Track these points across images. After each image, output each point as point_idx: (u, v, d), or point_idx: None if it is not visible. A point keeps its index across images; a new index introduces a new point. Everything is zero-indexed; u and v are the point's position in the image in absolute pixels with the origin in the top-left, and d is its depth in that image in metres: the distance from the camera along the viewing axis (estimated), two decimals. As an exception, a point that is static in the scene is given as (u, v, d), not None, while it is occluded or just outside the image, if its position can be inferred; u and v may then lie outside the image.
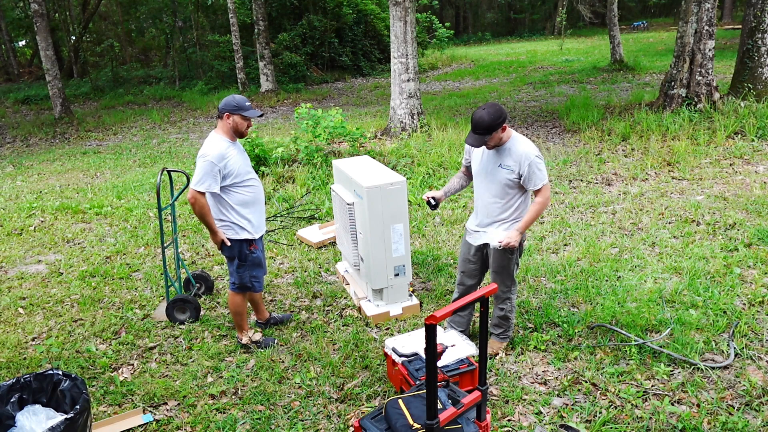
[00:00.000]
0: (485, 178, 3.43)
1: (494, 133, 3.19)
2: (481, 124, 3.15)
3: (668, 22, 32.94)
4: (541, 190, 3.32)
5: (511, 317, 3.72)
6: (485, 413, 2.68)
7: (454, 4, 39.12)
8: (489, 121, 3.14)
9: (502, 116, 3.16)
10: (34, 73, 25.32)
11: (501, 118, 3.15)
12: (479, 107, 3.21)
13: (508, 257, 3.50)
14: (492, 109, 3.15)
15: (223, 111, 3.57)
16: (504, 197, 3.39)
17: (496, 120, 3.14)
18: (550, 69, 18.38)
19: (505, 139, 3.29)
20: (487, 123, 3.14)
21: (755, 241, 4.95)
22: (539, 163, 3.27)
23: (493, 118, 3.13)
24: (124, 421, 3.27)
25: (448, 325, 3.89)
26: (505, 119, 3.19)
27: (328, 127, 8.27)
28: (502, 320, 3.72)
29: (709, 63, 8.95)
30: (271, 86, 17.13)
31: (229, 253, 3.75)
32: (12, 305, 4.85)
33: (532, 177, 3.28)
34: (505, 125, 3.21)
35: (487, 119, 3.13)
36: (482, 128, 3.16)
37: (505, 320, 3.72)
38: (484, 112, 3.15)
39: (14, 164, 10.41)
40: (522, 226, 3.37)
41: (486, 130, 3.16)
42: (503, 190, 3.37)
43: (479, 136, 3.20)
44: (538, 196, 3.34)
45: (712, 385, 3.27)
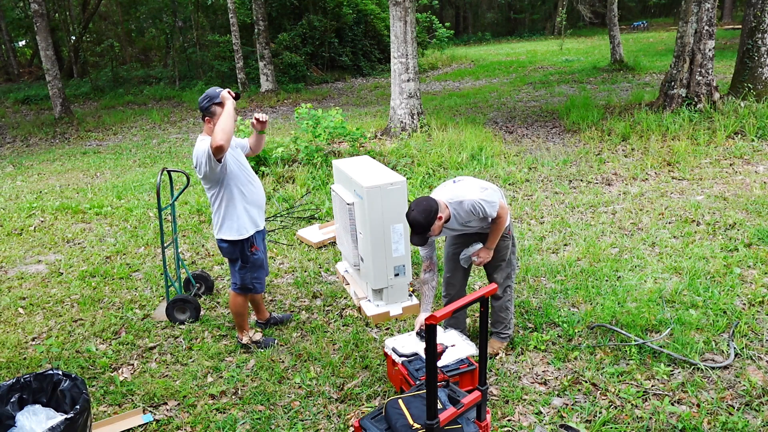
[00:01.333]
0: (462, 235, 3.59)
1: (433, 227, 3.24)
2: (418, 225, 3.22)
3: (668, 22, 32.94)
4: (497, 214, 3.39)
5: (510, 308, 3.74)
6: (485, 413, 2.68)
7: (454, 4, 39.13)
8: (424, 220, 3.19)
9: (433, 209, 3.20)
10: (34, 73, 25.32)
11: (433, 213, 3.20)
12: (410, 208, 3.23)
13: (504, 242, 3.60)
14: (422, 207, 3.20)
15: (203, 114, 3.52)
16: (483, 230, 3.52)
17: (429, 216, 3.19)
18: (550, 69, 18.38)
19: (448, 216, 3.35)
20: (423, 223, 3.20)
21: (755, 241, 4.95)
22: (484, 201, 3.31)
23: (426, 215, 3.19)
24: (124, 421, 3.27)
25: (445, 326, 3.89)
26: (437, 209, 3.22)
27: (328, 127, 8.27)
28: (501, 312, 3.73)
29: (709, 63, 8.95)
30: (271, 86, 17.13)
31: (230, 255, 3.75)
32: (12, 305, 4.85)
33: (487, 214, 3.34)
34: (440, 215, 3.24)
35: (422, 220, 3.19)
36: (421, 228, 3.22)
37: (504, 311, 3.73)
38: (416, 213, 3.20)
39: (14, 164, 10.41)
40: (490, 244, 3.50)
41: (425, 229, 3.22)
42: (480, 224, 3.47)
43: (420, 236, 3.28)
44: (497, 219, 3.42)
45: (712, 385, 3.27)
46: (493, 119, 11.17)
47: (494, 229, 3.46)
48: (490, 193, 3.38)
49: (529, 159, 8.02)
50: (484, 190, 3.36)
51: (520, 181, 7.14)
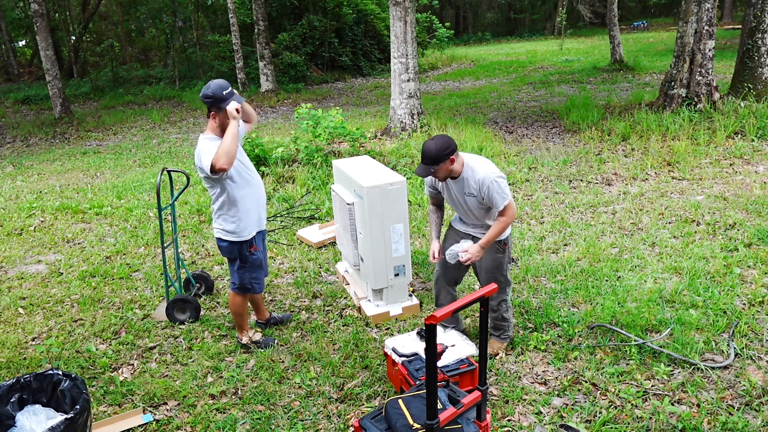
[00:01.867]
0: (462, 207, 3.47)
1: (441, 164, 3.16)
2: (428, 154, 3.15)
3: (668, 22, 32.94)
4: (505, 210, 3.30)
5: (508, 317, 3.71)
6: (485, 413, 2.68)
7: (454, 4, 39.13)
8: (435, 151, 3.12)
9: (450, 148, 3.14)
10: (34, 73, 25.32)
11: (448, 150, 3.13)
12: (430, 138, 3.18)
13: (500, 255, 3.51)
14: (440, 140, 3.15)
15: (209, 109, 3.51)
16: (484, 215, 3.44)
17: (443, 151, 3.12)
18: (550, 69, 18.38)
19: (458, 170, 3.28)
20: (433, 154, 3.13)
21: (755, 241, 4.95)
22: (499, 184, 3.24)
23: (440, 149, 3.12)
24: (124, 421, 3.27)
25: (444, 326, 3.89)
26: (454, 151, 3.16)
27: (328, 127, 8.27)
28: (499, 321, 3.71)
29: (709, 63, 8.95)
30: (271, 86, 17.13)
31: (229, 254, 3.75)
32: (12, 305, 4.85)
33: (492, 200, 3.26)
34: (453, 157, 3.18)
35: (433, 150, 3.13)
36: (429, 158, 3.15)
37: (502, 321, 3.71)
38: (432, 142, 3.15)
39: (14, 164, 10.41)
40: (484, 242, 3.36)
41: (432, 161, 3.14)
42: (479, 211, 3.42)
43: (425, 166, 3.19)
44: (501, 215, 3.32)
45: (712, 385, 3.27)
46: (493, 119, 11.17)
47: (495, 227, 3.33)
48: (506, 186, 3.30)
49: (529, 159, 8.02)
50: (502, 178, 3.28)
51: (520, 181, 7.14)
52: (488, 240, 3.36)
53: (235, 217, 3.63)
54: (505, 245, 3.52)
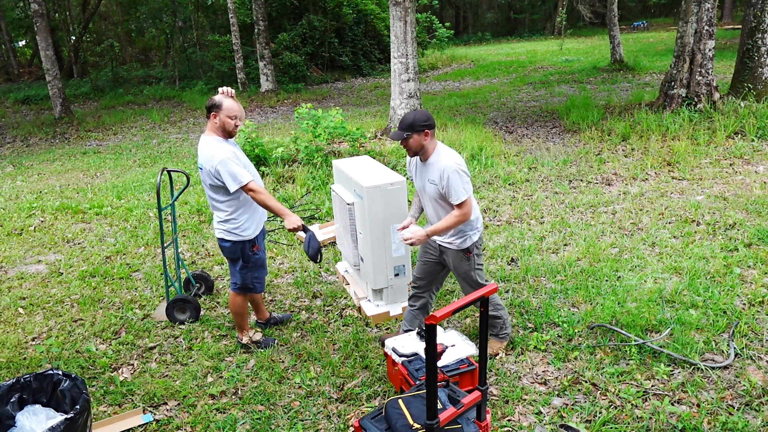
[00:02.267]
0: (422, 193, 3.46)
1: (415, 134, 3.18)
2: (405, 120, 3.20)
3: (668, 22, 32.94)
4: (461, 205, 3.22)
5: (500, 315, 3.67)
6: (485, 413, 2.68)
7: (454, 4, 39.12)
8: (412, 119, 3.17)
9: (428, 121, 3.18)
10: (34, 73, 25.32)
11: (425, 122, 3.17)
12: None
13: (465, 263, 3.46)
14: (421, 112, 3.22)
15: (210, 109, 3.53)
16: (440, 209, 3.37)
17: (420, 121, 3.16)
18: (550, 69, 18.38)
19: (429, 151, 3.28)
20: (410, 121, 3.17)
21: (755, 241, 4.95)
22: (461, 176, 3.18)
23: (418, 118, 3.17)
24: (124, 421, 3.27)
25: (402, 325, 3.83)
26: (430, 126, 3.19)
27: (328, 127, 8.27)
28: (492, 320, 3.68)
29: (709, 63, 8.95)
30: (271, 86, 17.13)
31: (232, 254, 3.74)
32: (12, 305, 4.85)
33: (450, 191, 3.20)
34: (428, 132, 3.19)
35: (411, 117, 3.18)
36: (404, 125, 3.20)
37: (494, 319, 3.68)
38: (412, 112, 3.22)
39: (14, 164, 10.41)
40: (431, 231, 3.28)
41: (408, 128, 3.17)
42: (436, 204, 3.37)
43: (399, 131, 3.22)
44: (457, 209, 3.24)
45: (712, 385, 3.27)
46: (493, 119, 11.17)
47: (445, 220, 3.26)
48: (467, 183, 3.23)
49: (529, 159, 8.02)
50: (466, 173, 3.23)
51: (520, 181, 7.14)
52: (434, 230, 3.28)
53: (240, 217, 3.63)
54: (469, 253, 3.44)
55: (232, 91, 3.58)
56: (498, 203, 6.49)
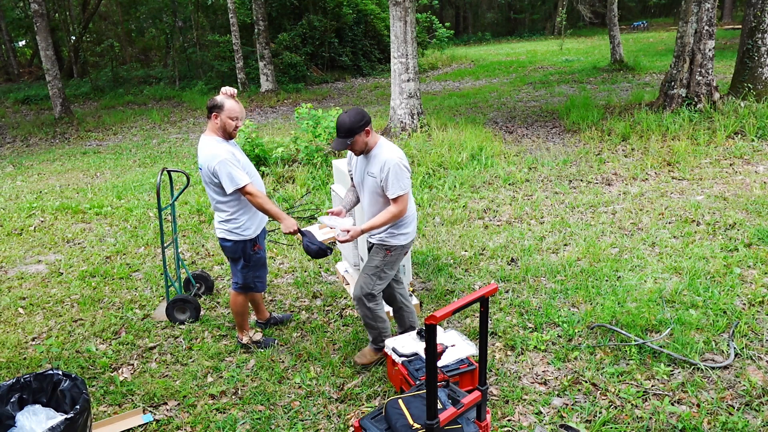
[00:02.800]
0: (361, 187, 3.44)
1: (356, 137, 3.17)
2: (342, 126, 3.15)
3: (668, 22, 32.94)
4: (397, 200, 3.22)
5: (375, 326, 3.53)
6: (485, 413, 2.68)
7: (454, 4, 39.13)
8: (350, 123, 3.13)
9: (364, 119, 3.16)
10: (34, 73, 25.32)
11: (362, 122, 3.15)
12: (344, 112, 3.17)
13: (377, 258, 3.42)
14: (354, 112, 3.17)
15: (211, 110, 3.53)
16: (376, 204, 3.35)
17: (357, 123, 3.13)
18: (550, 69, 18.38)
19: (371, 145, 3.28)
20: (348, 125, 3.13)
21: (755, 241, 4.95)
22: (401, 170, 3.19)
23: (354, 120, 3.13)
24: (124, 421, 3.28)
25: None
26: (368, 123, 3.18)
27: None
28: (367, 326, 3.57)
29: (709, 63, 8.95)
30: (271, 86, 17.13)
31: (233, 253, 3.74)
32: (12, 305, 4.85)
33: (388, 183, 3.19)
34: (368, 129, 3.19)
35: (347, 122, 3.13)
36: (343, 131, 3.15)
37: (370, 327, 3.55)
38: (346, 115, 3.15)
39: (14, 164, 10.41)
40: (366, 227, 3.28)
41: (347, 133, 3.15)
42: (374, 198, 3.34)
43: (341, 139, 3.19)
44: (392, 205, 3.24)
45: (712, 385, 3.27)
46: (493, 119, 11.17)
47: (381, 215, 3.26)
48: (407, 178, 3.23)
49: (529, 159, 8.02)
50: (407, 169, 3.25)
51: (520, 181, 7.14)
52: (370, 225, 3.28)
53: (241, 217, 3.63)
54: (389, 252, 3.40)
55: (234, 91, 3.58)
56: (498, 203, 6.49)
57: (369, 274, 3.44)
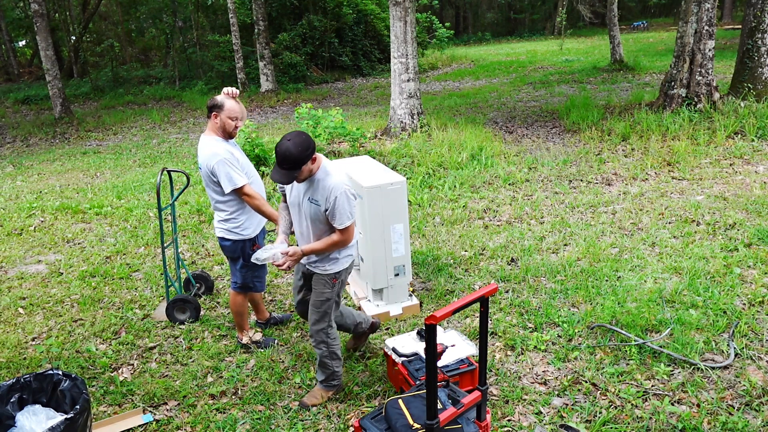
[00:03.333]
0: (297, 211, 3.15)
1: (303, 167, 2.86)
2: (288, 157, 2.79)
3: (668, 22, 32.94)
4: (345, 230, 3.00)
5: (330, 365, 3.29)
6: (485, 413, 2.68)
7: (454, 4, 39.12)
8: (297, 154, 2.79)
9: (311, 147, 2.85)
10: (34, 73, 25.32)
11: (309, 149, 2.83)
12: (284, 137, 2.82)
13: (328, 289, 3.21)
14: (299, 139, 2.82)
15: (211, 109, 3.53)
16: (316, 231, 3.11)
17: (305, 152, 2.81)
18: (550, 69, 18.38)
19: (315, 171, 2.98)
20: (294, 156, 2.79)
21: (755, 241, 4.95)
22: (349, 199, 2.95)
23: (301, 149, 2.79)
24: (124, 421, 3.27)
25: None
26: (314, 149, 2.89)
27: (329, 127, 8.27)
28: (321, 365, 3.33)
29: (709, 63, 8.95)
30: (271, 86, 17.13)
31: (232, 253, 3.75)
32: (12, 305, 4.85)
33: (335, 214, 2.95)
34: (315, 156, 2.91)
35: (295, 153, 2.78)
36: (290, 162, 2.80)
37: (324, 367, 3.31)
38: (291, 143, 2.80)
39: (14, 164, 10.41)
40: (308, 249, 3.06)
41: (294, 164, 2.81)
42: (314, 225, 3.10)
43: (287, 172, 2.84)
44: (338, 233, 3.03)
45: (712, 385, 3.27)
46: (493, 119, 11.17)
47: (324, 241, 3.05)
48: (354, 206, 3.02)
49: (529, 159, 8.02)
50: (355, 196, 3.02)
51: (520, 181, 7.14)
52: (312, 249, 3.06)
53: (240, 217, 3.64)
54: (335, 279, 3.21)
55: (236, 92, 3.58)
56: (498, 203, 6.49)
57: (322, 310, 3.22)
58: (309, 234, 3.14)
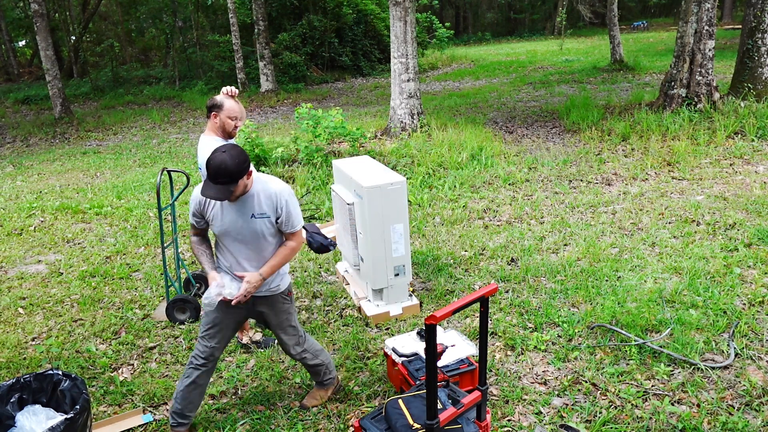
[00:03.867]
0: (232, 239, 2.84)
1: (240, 181, 2.62)
2: (224, 171, 2.54)
3: (668, 22, 32.95)
4: (296, 233, 2.89)
5: (318, 362, 3.23)
6: (485, 413, 2.68)
7: (454, 4, 39.12)
8: (234, 167, 2.54)
9: (248, 159, 2.65)
10: (34, 73, 25.32)
11: (247, 162, 2.62)
12: (216, 149, 2.58)
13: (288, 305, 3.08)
14: (234, 151, 2.59)
15: (211, 109, 3.52)
16: (263, 250, 2.87)
17: (242, 164, 2.58)
18: (550, 69, 18.38)
19: (249, 186, 2.75)
20: (231, 169, 2.54)
21: (755, 241, 4.95)
22: (294, 199, 2.84)
23: (239, 162, 2.56)
24: (124, 421, 3.28)
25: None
26: (250, 162, 2.67)
27: (329, 127, 8.27)
28: (314, 369, 3.26)
29: (709, 63, 8.95)
30: (271, 86, 17.13)
31: None
32: (12, 305, 4.85)
33: (290, 218, 2.82)
34: (251, 170, 2.69)
35: (231, 165, 2.53)
36: (226, 176, 2.55)
37: (318, 367, 3.25)
38: (226, 155, 2.56)
39: (14, 164, 10.41)
40: (266, 271, 2.84)
41: (231, 178, 2.56)
42: (260, 243, 2.84)
43: (223, 187, 2.59)
44: (291, 239, 2.90)
45: (712, 385, 3.27)
46: (493, 119, 11.17)
47: (281, 253, 2.88)
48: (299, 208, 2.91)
49: (529, 159, 8.02)
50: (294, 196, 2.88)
51: (520, 181, 7.14)
52: (272, 267, 2.85)
53: None
54: (290, 293, 3.11)
55: (235, 91, 3.57)
56: (498, 203, 6.49)
57: (293, 326, 3.12)
58: (252, 258, 2.87)
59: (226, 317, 2.97)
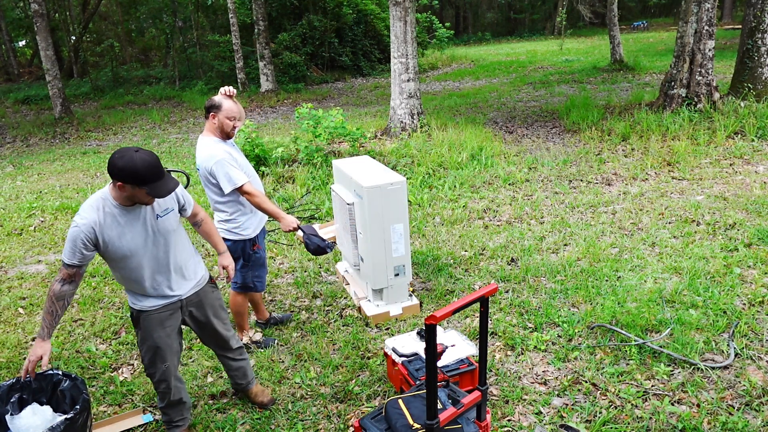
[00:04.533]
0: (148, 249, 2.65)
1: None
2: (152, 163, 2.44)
3: (668, 22, 32.95)
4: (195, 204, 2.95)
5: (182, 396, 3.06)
6: (485, 413, 2.68)
7: (454, 4, 39.13)
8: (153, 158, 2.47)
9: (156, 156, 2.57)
10: (34, 73, 25.32)
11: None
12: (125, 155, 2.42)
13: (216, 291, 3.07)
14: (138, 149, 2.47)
15: (209, 110, 3.52)
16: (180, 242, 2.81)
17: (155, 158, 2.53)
18: (550, 69, 18.38)
19: None
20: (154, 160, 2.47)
21: (755, 241, 4.95)
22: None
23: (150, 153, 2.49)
24: (124, 421, 3.28)
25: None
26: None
27: (329, 127, 8.27)
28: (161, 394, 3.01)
29: (709, 63, 8.95)
30: (271, 86, 17.13)
31: (232, 253, 3.73)
32: (12, 305, 4.85)
33: (186, 198, 2.86)
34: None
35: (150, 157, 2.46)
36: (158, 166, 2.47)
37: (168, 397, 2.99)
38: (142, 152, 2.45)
39: (14, 164, 10.41)
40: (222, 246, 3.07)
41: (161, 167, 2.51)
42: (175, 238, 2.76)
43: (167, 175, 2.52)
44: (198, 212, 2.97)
45: (712, 385, 3.27)
46: (493, 119, 11.17)
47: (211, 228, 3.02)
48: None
49: (529, 159, 8.02)
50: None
51: (520, 181, 7.14)
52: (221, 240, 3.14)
53: (240, 218, 3.64)
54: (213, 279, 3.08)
55: (234, 91, 3.57)
56: (498, 203, 6.49)
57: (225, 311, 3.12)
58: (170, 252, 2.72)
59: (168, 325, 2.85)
